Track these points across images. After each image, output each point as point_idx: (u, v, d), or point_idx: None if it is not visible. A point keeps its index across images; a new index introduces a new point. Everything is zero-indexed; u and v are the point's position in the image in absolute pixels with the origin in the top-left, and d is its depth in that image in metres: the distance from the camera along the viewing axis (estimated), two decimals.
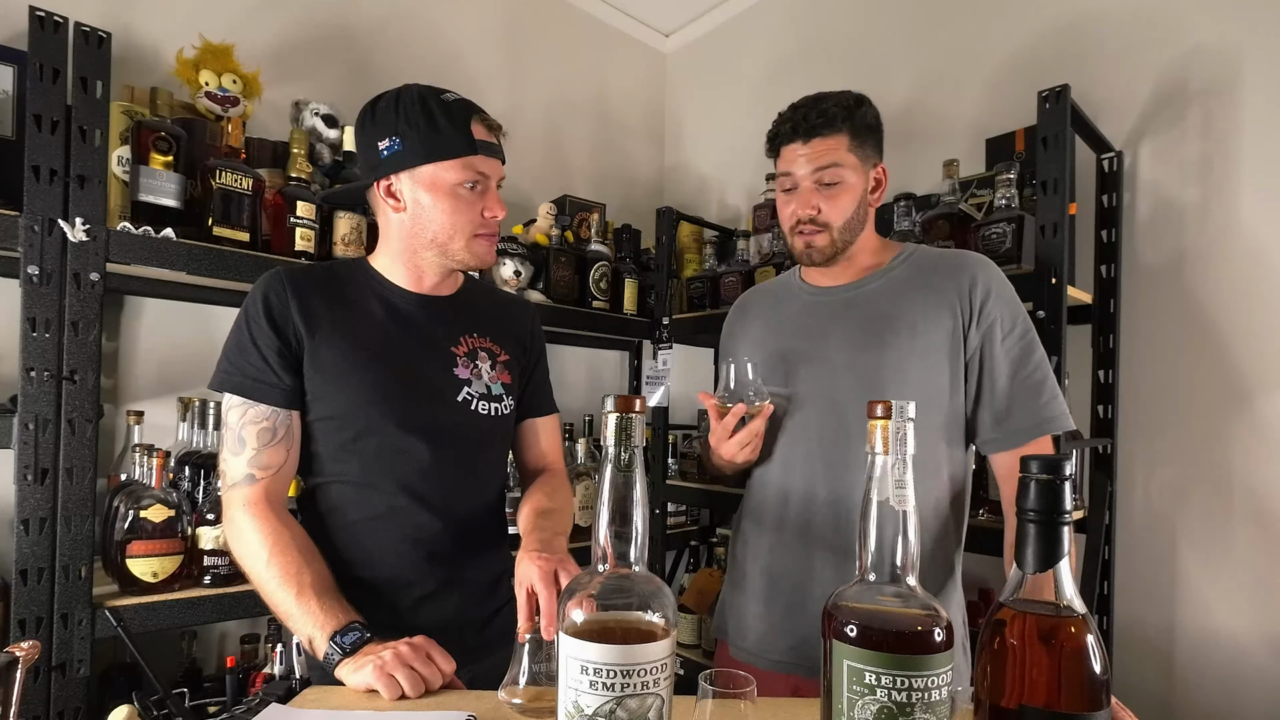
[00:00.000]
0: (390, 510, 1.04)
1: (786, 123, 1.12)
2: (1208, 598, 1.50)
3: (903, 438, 0.55)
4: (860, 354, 1.10)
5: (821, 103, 1.10)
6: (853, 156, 1.09)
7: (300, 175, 1.53)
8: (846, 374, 1.10)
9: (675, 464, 2.20)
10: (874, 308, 1.12)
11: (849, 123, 1.08)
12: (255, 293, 1.02)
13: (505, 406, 1.14)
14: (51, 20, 1.20)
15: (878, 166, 1.14)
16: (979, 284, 1.07)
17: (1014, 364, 1.05)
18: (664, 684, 0.54)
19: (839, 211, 1.10)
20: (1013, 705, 0.49)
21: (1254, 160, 1.46)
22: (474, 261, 1.07)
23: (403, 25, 2.13)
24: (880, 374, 1.08)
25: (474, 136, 1.01)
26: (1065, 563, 0.50)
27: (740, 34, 2.60)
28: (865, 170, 1.12)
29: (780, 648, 1.13)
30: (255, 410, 0.99)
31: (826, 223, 1.11)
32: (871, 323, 1.11)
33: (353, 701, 0.81)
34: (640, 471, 0.58)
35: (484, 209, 1.05)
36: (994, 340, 1.06)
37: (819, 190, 1.10)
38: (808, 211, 1.11)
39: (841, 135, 1.08)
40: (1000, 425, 1.06)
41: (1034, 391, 1.05)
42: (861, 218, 1.13)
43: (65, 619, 1.21)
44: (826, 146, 1.08)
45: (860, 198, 1.11)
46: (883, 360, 1.08)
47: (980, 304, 1.07)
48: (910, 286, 1.11)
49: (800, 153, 1.10)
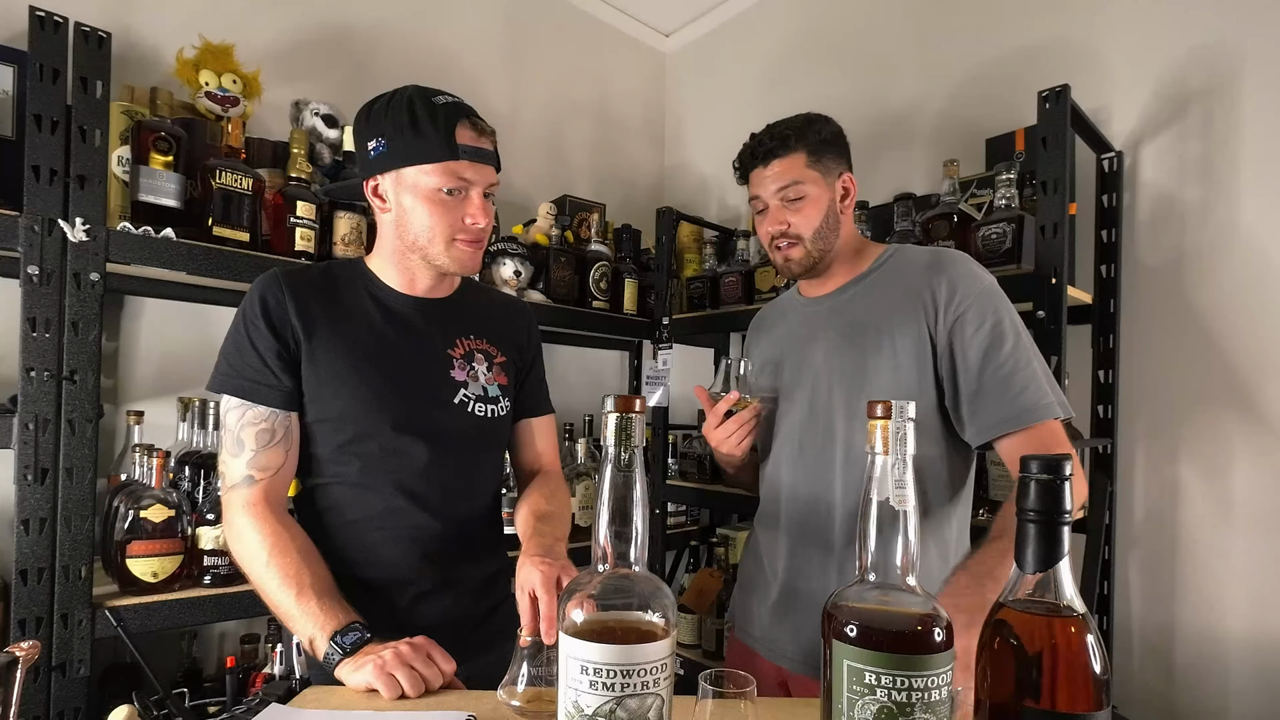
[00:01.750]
0: (388, 511, 1.04)
1: (746, 151, 1.22)
2: (1207, 598, 1.50)
3: (902, 438, 0.55)
4: (839, 358, 1.16)
5: (775, 129, 1.19)
6: (812, 171, 1.16)
7: (300, 175, 1.53)
8: (826, 378, 1.17)
9: (675, 464, 2.20)
10: (852, 314, 1.18)
11: (802, 141, 1.16)
12: (252, 294, 1.02)
13: (502, 408, 1.14)
14: (51, 20, 1.20)
15: (843, 176, 1.19)
16: (945, 281, 1.09)
17: (983, 357, 1.05)
18: (664, 684, 0.54)
19: (807, 223, 1.16)
20: (1013, 705, 0.49)
21: (1254, 160, 1.46)
22: (455, 267, 1.06)
23: (403, 25, 2.13)
24: (856, 377, 1.13)
25: (458, 141, 0.99)
26: (1065, 563, 0.50)
27: (740, 34, 2.59)
28: (829, 182, 1.18)
29: (775, 636, 1.20)
30: (254, 412, 0.99)
31: (798, 235, 1.17)
32: (849, 328, 1.16)
33: (353, 701, 0.81)
34: (640, 471, 0.58)
35: (465, 215, 1.03)
36: (963, 335, 1.07)
37: (785, 207, 1.17)
38: (778, 227, 1.18)
39: (797, 154, 1.16)
40: (974, 419, 1.06)
41: (1003, 383, 1.03)
42: (833, 226, 1.18)
43: (65, 619, 1.21)
44: (785, 166, 1.16)
45: (827, 207, 1.17)
46: (858, 364, 1.13)
47: (946, 301, 1.08)
48: (884, 290, 1.16)
49: (764, 175, 1.19)
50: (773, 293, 1.87)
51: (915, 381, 1.09)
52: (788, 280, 1.83)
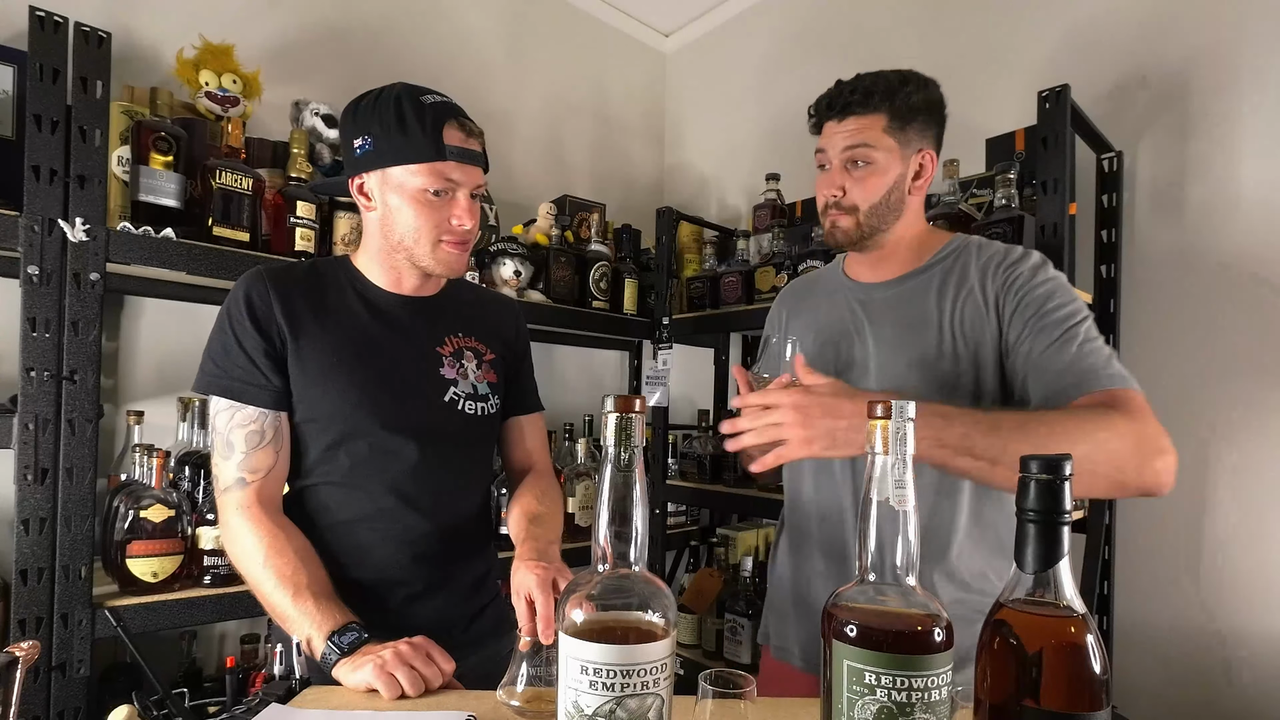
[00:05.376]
0: (378, 511, 1.03)
1: (825, 99, 1.08)
2: (1207, 597, 1.50)
3: (902, 438, 0.55)
4: (890, 357, 1.05)
5: (861, 80, 1.04)
6: (889, 139, 1.03)
7: (300, 175, 1.53)
8: (874, 377, 1.06)
9: (675, 464, 2.20)
10: (908, 309, 1.06)
11: (887, 101, 1.02)
12: (237, 292, 1.00)
13: (492, 405, 1.14)
14: (51, 20, 1.20)
15: (923, 152, 1.06)
16: (1016, 278, 0.99)
17: (1053, 326, 0.95)
18: (664, 684, 0.54)
19: (865, 195, 1.04)
20: (1013, 705, 0.49)
21: (1254, 160, 1.46)
22: (441, 269, 1.05)
23: (402, 25, 2.13)
24: (907, 378, 1.02)
25: (446, 142, 0.98)
26: (1065, 562, 0.50)
27: (740, 34, 2.59)
28: (904, 154, 1.04)
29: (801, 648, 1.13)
30: (243, 413, 0.98)
31: (853, 205, 1.05)
32: (904, 326, 1.05)
33: (353, 701, 0.81)
34: (640, 471, 0.58)
35: (451, 216, 1.02)
36: (1025, 308, 0.97)
37: (848, 171, 1.05)
38: (833, 193, 1.06)
39: (878, 115, 1.02)
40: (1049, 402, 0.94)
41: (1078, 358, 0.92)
42: (895, 205, 1.06)
43: (65, 619, 1.21)
44: (860, 125, 1.03)
45: (894, 183, 1.04)
46: (911, 365, 1.03)
47: (1013, 288, 0.98)
48: (948, 286, 1.04)
49: (835, 130, 1.06)
50: (772, 293, 1.87)
51: (972, 387, 1.00)
52: (790, 274, 1.83)
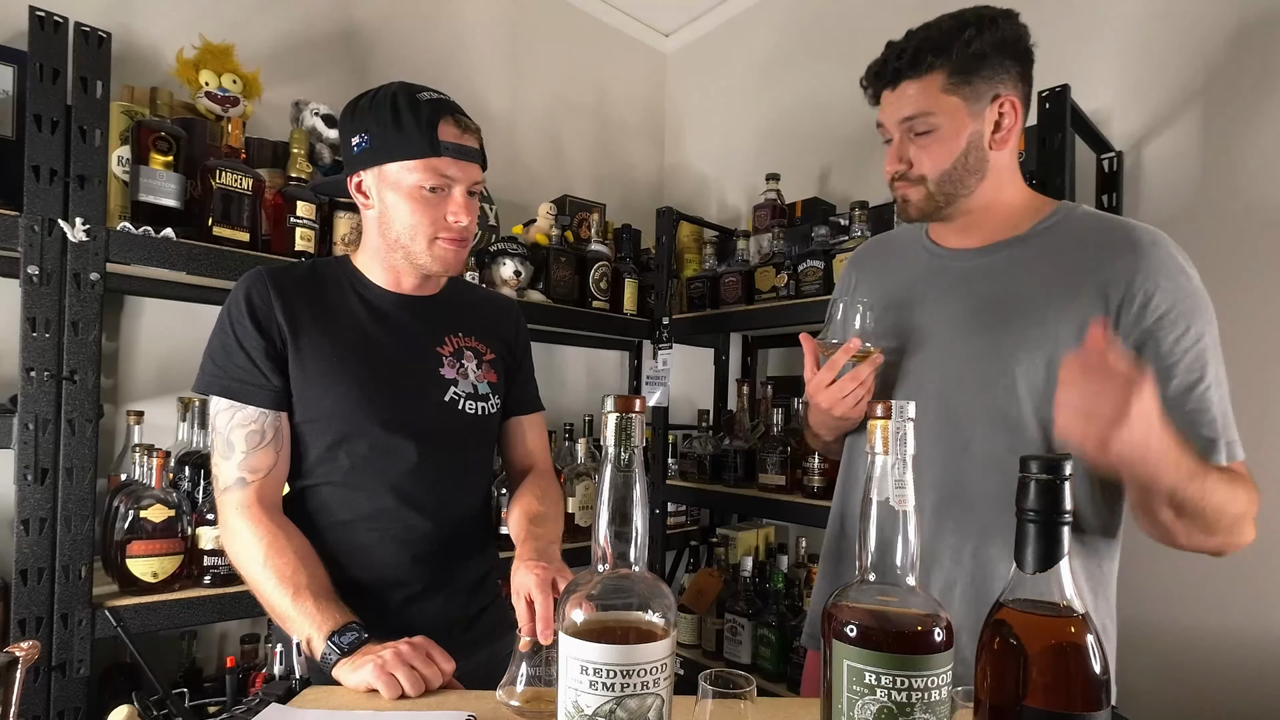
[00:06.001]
0: (378, 511, 1.03)
1: (873, 69, 0.99)
2: (1207, 597, 1.50)
3: (903, 438, 0.55)
4: (967, 337, 0.96)
5: (911, 39, 0.95)
6: (951, 98, 0.92)
7: (300, 175, 1.53)
8: (947, 357, 0.97)
9: (675, 464, 2.20)
10: (996, 284, 0.96)
11: (944, 56, 0.91)
12: (237, 292, 1.01)
13: (492, 405, 1.14)
14: (51, 20, 1.20)
15: (1000, 100, 0.93)
16: (1142, 268, 0.88)
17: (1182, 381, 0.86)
18: (664, 684, 0.54)
19: (933, 163, 0.95)
20: (1013, 705, 0.49)
21: (1254, 160, 1.46)
22: (438, 267, 1.05)
23: (403, 25, 2.13)
24: (984, 364, 0.93)
25: (441, 138, 0.98)
26: (1065, 563, 0.50)
27: (740, 34, 2.59)
28: (974, 109, 0.93)
29: None
30: (243, 413, 0.98)
31: (920, 176, 0.96)
32: (990, 303, 0.95)
33: (353, 701, 0.81)
34: (640, 471, 0.58)
35: (447, 213, 1.02)
36: (1159, 347, 0.86)
37: (911, 140, 0.96)
38: (898, 167, 0.98)
39: (935, 74, 0.92)
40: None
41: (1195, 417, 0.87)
42: (975, 166, 0.95)
43: (65, 619, 1.21)
44: (916, 90, 0.94)
45: (966, 144, 0.94)
46: (992, 351, 0.93)
47: (1142, 296, 0.87)
48: (1046, 261, 0.94)
49: (890, 99, 0.97)
50: (772, 293, 1.86)
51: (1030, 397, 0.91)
52: (790, 275, 1.82)
